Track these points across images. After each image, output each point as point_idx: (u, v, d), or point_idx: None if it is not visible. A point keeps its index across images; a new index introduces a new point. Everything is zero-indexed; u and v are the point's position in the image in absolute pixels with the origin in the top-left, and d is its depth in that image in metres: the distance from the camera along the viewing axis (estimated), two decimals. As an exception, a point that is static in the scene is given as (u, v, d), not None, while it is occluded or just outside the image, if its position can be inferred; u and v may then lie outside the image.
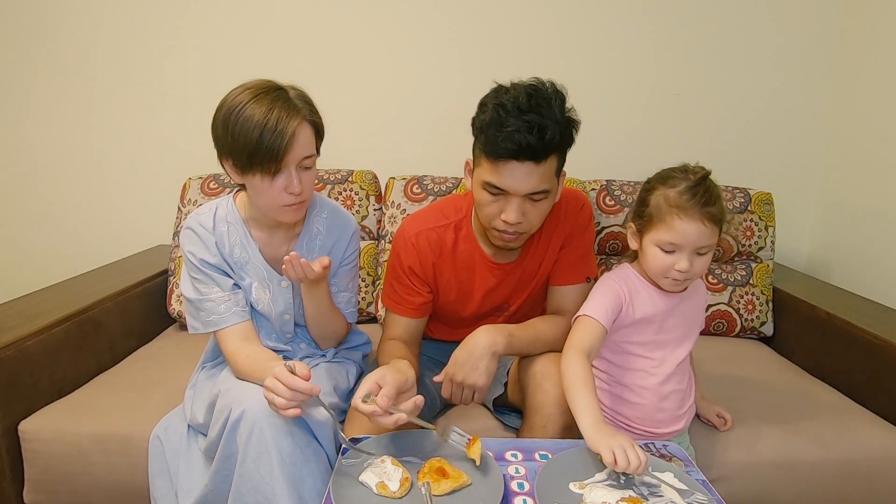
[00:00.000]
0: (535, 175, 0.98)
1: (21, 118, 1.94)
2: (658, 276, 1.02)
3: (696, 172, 0.98)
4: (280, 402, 0.85)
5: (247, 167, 0.98)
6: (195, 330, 1.11)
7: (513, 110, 0.95)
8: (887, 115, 1.73)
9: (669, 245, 0.97)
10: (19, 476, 1.19)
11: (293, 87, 1.04)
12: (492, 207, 1.03)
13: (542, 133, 0.95)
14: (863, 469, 1.18)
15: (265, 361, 1.00)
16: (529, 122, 0.94)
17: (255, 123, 0.95)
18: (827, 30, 1.90)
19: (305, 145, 1.00)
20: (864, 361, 1.36)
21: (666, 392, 1.05)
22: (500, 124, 0.95)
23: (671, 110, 1.96)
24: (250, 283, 1.13)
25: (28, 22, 1.87)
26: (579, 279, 1.19)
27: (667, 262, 0.98)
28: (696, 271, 0.99)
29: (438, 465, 0.83)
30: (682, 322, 1.07)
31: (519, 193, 1.00)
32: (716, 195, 0.97)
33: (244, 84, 1.01)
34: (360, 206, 1.72)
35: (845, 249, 1.89)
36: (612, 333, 1.05)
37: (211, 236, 1.10)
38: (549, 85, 1.01)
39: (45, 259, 2.03)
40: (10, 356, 1.17)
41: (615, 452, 0.80)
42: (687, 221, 0.95)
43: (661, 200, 0.98)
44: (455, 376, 1.06)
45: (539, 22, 1.89)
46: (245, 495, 0.91)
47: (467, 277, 1.18)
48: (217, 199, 1.17)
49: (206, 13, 1.87)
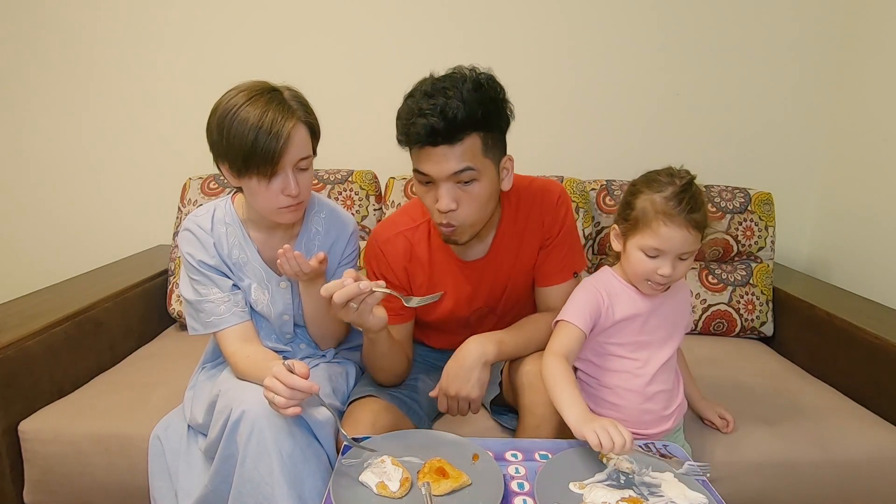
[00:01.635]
0: (451, 156, 0.96)
1: (21, 118, 1.94)
2: (639, 280, 1.02)
3: (681, 177, 0.98)
4: (280, 402, 0.85)
5: (243, 170, 0.98)
6: (195, 331, 1.11)
7: (419, 97, 0.96)
8: (887, 115, 1.73)
9: (654, 250, 0.98)
10: (19, 476, 1.19)
11: (288, 87, 1.03)
12: (427, 198, 1.03)
13: (445, 113, 0.93)
14: (863, 469, 1.18)
15: (265, 361, 0.99)
16: (435, 105, 0.94)
17: (249, 127, 0.94)
18: (827, 30, 1.90)
19: (301, 147, 1.00)
20: (864, 361, 1.36)
21: (651, 393, 1.05)
22: (410, 112, 0.96)
23: (671, 110, 1.96)
24: (249, 283, 1.12)
25: (27, 22, 1.87)
26: (565, 277, 1.18)
27: (650, 266, 0.99)
28: (677, 276, 1.00)
29: (438, 465, 0.83)
30: (665, 322, 1.07)
31: (442, 177, 0.98)
32: (700, 201, 0.97)
33: (238, 86, 1.00)
34: (360, 206, 1.72)
35: (845, 249, 1.89)
36: (594, 336, 1.05)
37: (209, 237, 1.10)
38: (467, 69, 1.00)
39: (45, 259, 2.03)
40: (10, 356, 1.17)
41: (599, 435, 0.82)
42: (673, 228, 0.95)
43: (648, 205, 0.98)
44: (448, 390, 1.06)
45: (540, 22, 1.89)
46: (245, 495, 0.91)
47: (440, 278, 1.17)
48: (215, 200, 1.17)
49: (206, 14, 1.87)
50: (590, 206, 1.72)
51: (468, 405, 1.06)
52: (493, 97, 0.99)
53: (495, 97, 1.00)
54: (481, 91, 0.97)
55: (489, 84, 0.99)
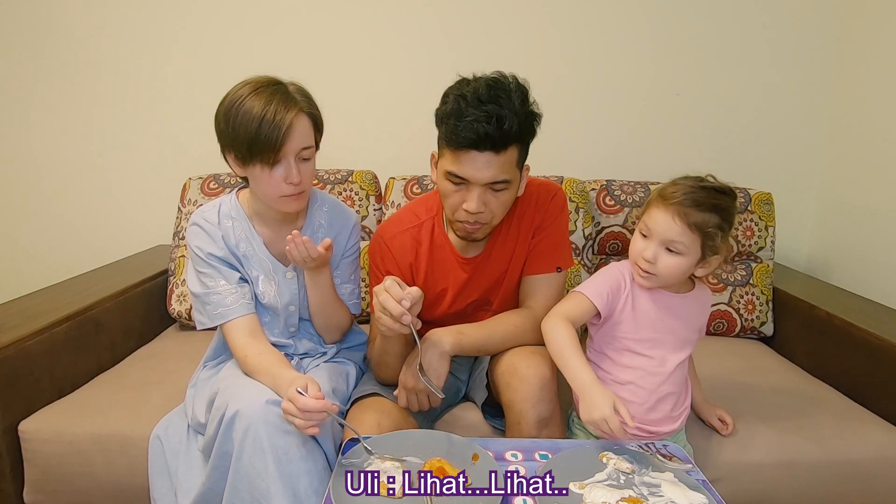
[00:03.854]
0: (494, 164, 1.00)
1: (22, 118, 1.94)
2: (631, 262, 1.05)
3: (706, 181, 1.00)
4: (299, 423, 0.88)
5: (247, 158, 1.01)
6: (202, 325, 1.12)
7: (473, 101, 0.98)
8: (887, 115, 1.73)
9: (645, 229, 1.01)
10: (19, 476, 1.19)
11: (293, 83, 1.07)
12: (454, 197, 1.05)
13: (501, 123, 0.96)
14: (862, 469, 1.18)
15: (275, 367, 1.01)
16: (488, 112, 0.96)
17: (253, 116, 0.99)
18: (827, 30, 1.90)
19: (303, 136, 1.03)
20: (864, 361, 1.36)
21: (663, 393, 1.05)
22: (461, 114, 0.97)
23: (671, 110, 1.96)
24: (257, 275, 1.14)
25: (29, 22, 1.87)
26: (549, 268, 1.18)
27: (638, 246, 1.02)
28: (660, 267, 1.00)
29: (438, 465, 0.83)
30: (683, 324, 1.07)
31: (479, 182, 1.01)
32: (709, 205, 0.97)
33: (246, 80, 1.05)
34: (360, 206, 1.72)
35: (845, 249, 1.89)
36: (611, 327, 1.06)
37: (217, 230, 1.12)
38: (510, 78, 1.03)
39: (45, 259, 2.03)
40: (10, 356, 1.17)
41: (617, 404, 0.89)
42: (661, 210, 0.98)
43: (658, 190, 1.01)
44: (406, 383, 1.07)
45: (539, 22, 1.89)
46: (241, 491, 0.92)
47: (441, 275, 1.19)
48: (219, 197, 1.19)
49: (207, 14, 1.88)
50: (590, 206, 1.72)
51: (427, 398, 1.07)
52: (534, 112, 1.04)
53: (535, 112, 1.04)
54: (526, 104, 1.01)
55: (529, 98, 1.03)
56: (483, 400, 1.18)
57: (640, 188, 1.75)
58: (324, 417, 0.89)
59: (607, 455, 0.89)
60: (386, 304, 0.93)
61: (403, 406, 1.09)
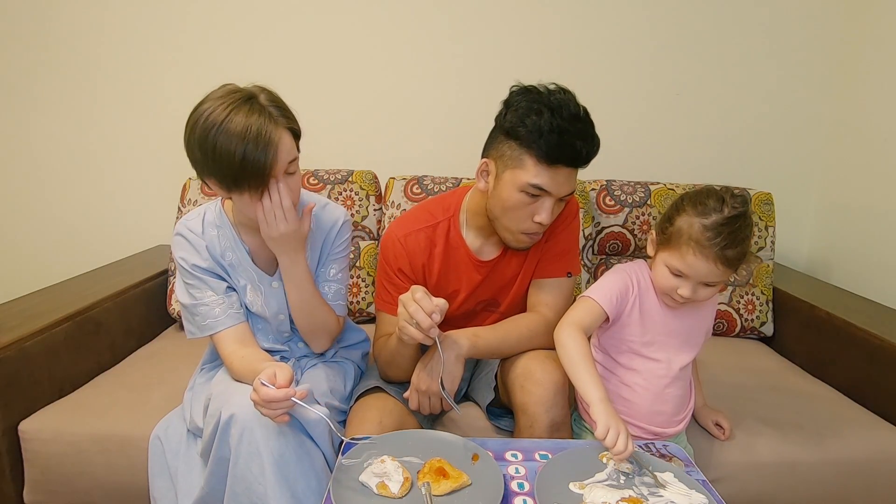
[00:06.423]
0: (573, 179, 1.05)
1: (22, 118, 1.94)
2: (660, 291, 1.03)
3: (733, 207, 0.94)
4: (265, 413, 0.87)
5: (232, 187, 0.97)
6: (192, 335, 1.11)
7: (568, 118, 0.99)
8: (887, 115, 1.73)
9: (677, 270, 0.98)
10: (19, 476, 1.19)
11: (262, 88, 1.00)
12: (525, 210, 1.05)
13: (594, 141, 1.01)
14: (862, 469, 1.18)
15: (256, 363, 0.99)
16: (583, 130, 1.00)
17: (234, 149, 0.92)
18: (827, 30, 1.90)
19: (286, 153, 0.98)
20: (864, 361, 1.36)
21: (668, 395, 1.05)
22: (561, 130, 0.98)
23: (671, 110, 1.96)
24: (244, 284, 1.13)
25: (29, 22, 1.87)
26: (559, 272, 1.19)
27: (671, 283, 0.99)
28: (699, 298, 0.99)
29: (438, 465, 0.83)
30: (689, 328, 1.07)
31: (560, 195, 1.04)
32: (742, 237, 0.94)
33: (210, 96, 0.98)
34: (360, 206, 1.72)
35: (845, 249, 1.89)
36: (619, 329, 1.06)
37: (201, 241, 1.10)
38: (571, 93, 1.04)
39: (45, 259, 2.03)
40: (10, 356, 1.17)
41: (610, 431, 0.85)
42: (700, 259, 0.94)
43: (685, 227, 0.96)
44: (420, 385, 1.06)
45: (539, 23, 1.89)
46: (240, 496, 0.92)
47: (455, 276, 1.19)
48: (204, 205, 1.16)
49: (207, 14, 1.87)
50: (590, 206, 1.72)
51: (440, 402, 1.07)
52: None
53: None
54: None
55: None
56: (488, 402, 1.18)
57: (640, 188, 1.75)
58: (290, 405, 0.87)
59: (607, 455, 0.89)
60: (416, 315, 0.93)
61: (414, 409, 1.08)
